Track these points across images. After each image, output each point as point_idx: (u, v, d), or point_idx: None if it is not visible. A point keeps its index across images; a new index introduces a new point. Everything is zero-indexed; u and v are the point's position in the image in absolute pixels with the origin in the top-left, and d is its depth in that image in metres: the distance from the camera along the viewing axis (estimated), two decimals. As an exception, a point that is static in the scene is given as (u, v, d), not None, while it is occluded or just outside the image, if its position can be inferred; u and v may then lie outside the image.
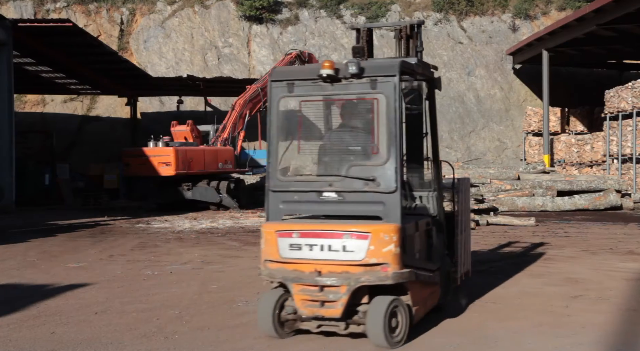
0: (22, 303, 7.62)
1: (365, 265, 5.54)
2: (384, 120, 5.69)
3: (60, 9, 33.31)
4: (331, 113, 6.29)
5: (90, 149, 30.77)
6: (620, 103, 23.89)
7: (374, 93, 5.72)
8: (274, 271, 5.86)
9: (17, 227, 16.21)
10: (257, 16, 33.89)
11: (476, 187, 18.12)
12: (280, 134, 6.12)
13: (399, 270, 5.55)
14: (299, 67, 6.33)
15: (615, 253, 11.34)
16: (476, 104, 33.24)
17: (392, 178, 5.61)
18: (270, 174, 6.05)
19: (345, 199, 5.78)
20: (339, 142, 6.18)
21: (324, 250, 5.62)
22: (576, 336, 6.08)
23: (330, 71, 5.73)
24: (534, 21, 35.32)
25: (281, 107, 6.04)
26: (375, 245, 5.50)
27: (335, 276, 5.57)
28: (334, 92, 5.89)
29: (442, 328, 6.34)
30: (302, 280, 5.66)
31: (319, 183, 5.92)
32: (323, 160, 6.19)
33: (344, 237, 5.57)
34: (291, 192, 6.00)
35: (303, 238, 5.71)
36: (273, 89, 6.04)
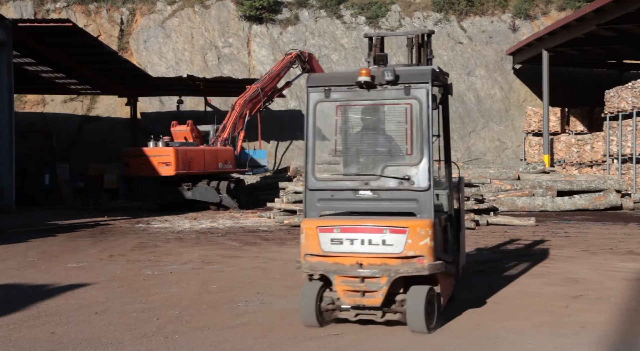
0: (22, 303, 7.62)
1: (403, 258, 5.97)
2: (417, 123, 6.14)
3: (60, 9, 33.31)
4: (366, 117, 6.63)
5: (90, 149, 30.78)
6: (620, 103, 23.89)
7: (408, 98, 6.16)
8: (315, 265, 6.20)
9: (17, 227, 16.22)
10: (257, 16, 33.90)
11: (476, 186, 18.11)
12: (317, 137, 6.50)
13: (433, 262, 6.00)
14: (335, 74, 6.69)
15: (615, 253, 11.34)
16: (476, 104, 33.24)
17: (425, 177, 6.07)
18: (307, 174, 6.43)
19: (380, 197, 6.22)
20: (374, 144, 6.59)
21: (365, 244, 6.02)
22: (576, 336, 6.08)
23: (367, 78, 6.14)
24: (534, 21, 35.32)
25: (318, 111, 6.44)
26: (413, 238, 5.94)
27: (376, 268, 5.98)
28: (369, 98, 6.31)
29: (442, 328, 6.34)
30: (344, 272, 6.05)
31: (355, 182, 6.33)
32: (359, 161, 6.62)
33: (384, 232, 5.97)
34: (328, 190, 6.39)
35: (344, 233, 6.08)
36: (310, 94, 6.44)
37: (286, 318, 6.78)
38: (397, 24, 34.54)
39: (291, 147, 31.76)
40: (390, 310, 6.12)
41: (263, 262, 10.57)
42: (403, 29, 34.22)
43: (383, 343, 5.91)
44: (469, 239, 13.21)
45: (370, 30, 33.95)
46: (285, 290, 8.21)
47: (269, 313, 7.01)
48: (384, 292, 5.97)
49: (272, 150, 31.38)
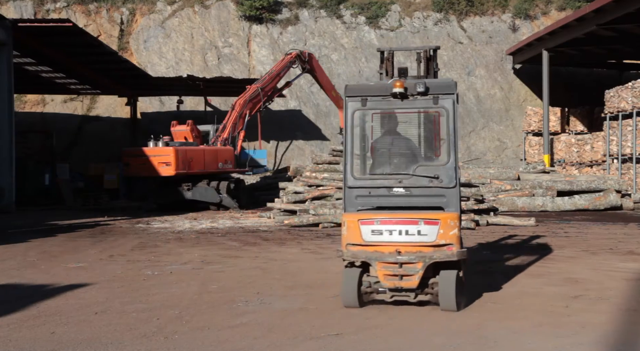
0: (22, 303, 7.62)
1: (435, 246, 6.82)
2: (444, 129, 7.05)
3: (60, 9, 33.31)
4: (399, 123, 7.47)
5: (90, 149, 30.78)
6: (620, 103, 23.89)
7: (436, 107, 7.04)
8: (357, 253, 6.99)
9: (17, 227, 16.22)
10: (257, 16, 33.90)
11: (476, 186, 18.11)
12: (355, 140, 7.24)
13: (460, 249, 6.88)
14: (370, 85, 7.40)
15: (615, 253, 11.34)
16: (476, 104, 33.24)
17: (452, 175, 6.96)
18: (346, 173, 7.15)
19: (412, 193, 7.06)
20: (406, 147, 7.41)
21: (402, 234, 6.85)
22: (576, 336, 6.08)
23: (401, 90, 6.97)
24: (534, 21, 35.32)
25: (355, 118, 7.20)
26: (444, 229, 6.80)
27: (413, 254, 6.83)
28: (402, 106, 7.16)
29: (442, 328, 6.35)
30: (384, 258, 6.88)
31: (390, 181, 7.14)
32: (393, 162, 7.39)
33: (419, 223, 6.82)
34: (365, 187, 7.18)
35: (384, 224, 6.89)
36: (348, 103, 7.20)
37: (286, 318, 6.78)
38: (397, 24, 34.54)
39: (291, 147, 31.77)
40: (422, 292, 6.97)
41: (263, 262, 10.57)
42: (392, 21, 34.23)
43: (382, 343, 5.92)
44: (468, 239, 13.24)
45: (369, 30, 33.98)
46: (285, 290, 8.21)
47: (269, 313, 7.01)
48: (420, 276, 6.82)
49: (272, 150, 31.39)
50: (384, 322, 6.62)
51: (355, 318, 6.76)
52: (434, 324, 6.54)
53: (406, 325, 6.50)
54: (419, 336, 6.07)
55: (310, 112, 32.60)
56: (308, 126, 32.31)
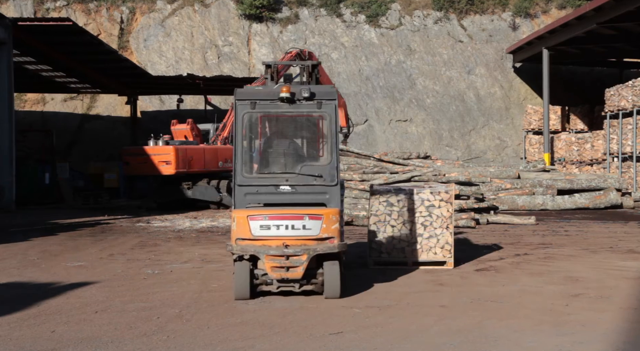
0: (22, 301, 7.63)
1: (319, 239, 7.45)
2: (327, 132, 7.74)
3: (60, 8, 33.30)
4: (286, 125, 8.09)
5: (91, 148, 30.77)
6: (621, 102, 23.88)
7: (320, 112, 7.70)
8: (245, 247, 7.48)
9: (17, 226, 16.22)
10: (257, 15, 33.88)
11: (476, 185, 18.11)
12: (245, 141, 7.75)
13: (341, 242, 7.54)
14: (259, 89, 8.07)
15: (615, 251, 11.34)
16: (476, 103, 33.24)
17: (334, 174, 7.65)
18: (236, 172, 7.66)
19: (298, 191, 7.67)
20: (292, 147, 8.04)
21: (289, 228, 7.42)
22: (576, 334, 6.08)
23: (288, 95, 7.58)
24: (534, 19, 35.30)
25: (245, 120, 7.73)
26: (327, 223, 7.45)
27: (298, 247, 7.39)
28: (288, 110, 7.74)
29: (442, 327, 6.35)
30: (271, 251, 7.39)
31: (277, 179, 7.73)
32: (280, 162, 7.98)
33: (304, 218, 7.43)
34: (254, 185, 7.72)
35: (272, 220, 7.44)
36: (238, 106, 7.72)
37: (286, 317, 6.79)
38: (397, 22, 34.53)
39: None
40: (307, 282, 7.54)
41: (263, 261, 10.56)
42: (392, 19, 34.21)
43: (383, 341, 5.92)
44: (469, 237, 13.25)
45: (370, 28, 33.96)
46: (285, 289, 8.21)
47: (269, 312, 7.02)
48: (304, 267, 7.39)
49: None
50: (384, 321, 6.62)
51: (356, 317, 6.76)
52: (434, 323, 6.54)
53: (406, 324, 6.51)
54: (419, 335, 6.07)
55: (310, 111, 32.61)
56: (308, 125, 32.26)
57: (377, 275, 9.08)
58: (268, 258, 7.38)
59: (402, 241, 9.74)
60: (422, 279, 8.86)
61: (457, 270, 9.48)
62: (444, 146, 31.97)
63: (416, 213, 9.77)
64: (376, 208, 9.90)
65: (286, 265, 7.37)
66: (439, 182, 16.52)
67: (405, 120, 32.19)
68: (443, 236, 9.69)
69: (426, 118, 32.23)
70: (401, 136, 31.88)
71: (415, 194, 9.85)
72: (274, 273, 7.42)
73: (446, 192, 9.91)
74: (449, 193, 9.91)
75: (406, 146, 31.13)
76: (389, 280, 8.78)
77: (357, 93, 32.19)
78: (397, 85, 32.66)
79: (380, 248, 9.79)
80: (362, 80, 32.62)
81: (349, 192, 17.20)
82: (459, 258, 10.07)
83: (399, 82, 32.72)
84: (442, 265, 9.66)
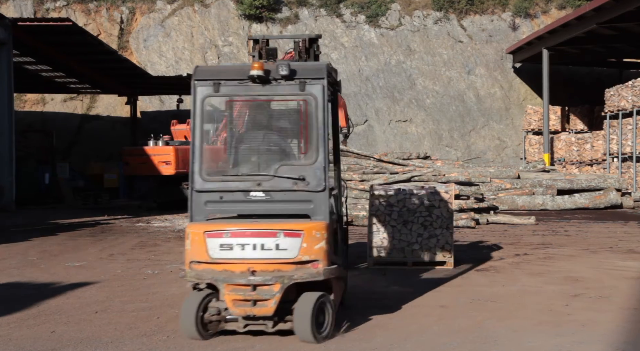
0: (22, 302, 7.62)
1: (297, 263, 5.69)
2: (312, 121, 5.90)
3: (60, 8, 33.30)
4: (259, 113, 6.36)
5: (90, 148, 30.77)
6: (621, 102, 23.88)
7: (303, 95, 5.92)
8: (201, 273, 5.80)
9: (17, 226, 16.21)
10: (257, 15, 33.88)
11: (476, 185, 18.11)
12: (206, 134, 6.15)
13: (328, 267, 5.77)
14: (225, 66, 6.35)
15: (615, 251, 11.34)
16: (476, 103, 33.23)
17: (321, 177, 5.83)
18: (194, 174, 5.99)
19: (274, 198, 5.90)
20: (267, 142, 6.29)
21: (257, 249, 5.68)
22: (576, 334, 6.08)
23: (260, 72, 5.84)
24: (534, 20, 35.30)
25: (206, 106, 6.07)
26: (308, 242, 5.68)
27: (269, 274, 5.64)
28: (262, 93, 5.99)
29: (442, 327, 6.35)
30: (233, 280, 5.67)
31: (247, 183, 5.97)
32: (251, 160, 6.30)
33: (277, 236, 5.68)
34: (216, 191, 5.97)
35: (235, 237, 5.71)
36: (197, 88, 6.02)
37: None
38: (397, 22, 34.53)
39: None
40: (282, 319, 5.76)
41: (263, 261, 10.55)
42: (392, 19, 34.19)
43: (383, 341, 5.91)
44: (468, 238, 13.24)
45: (369, 29, 33.95)
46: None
47: (269, 312, 6.99)
48: (277, 300, 5.61)
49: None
50: (385, 321, 6.61)
51: (356, 317, 6.75)
52: (434, 323, 6.53)
53: (407, 324, 6.50)
54: (419, 335, 6.07)
55: (310, 111, 32.64)
56: (308, 125, 32.29)
57: (377, 276, 9.08)
58: (229, 288, 5.65)
59: (402, 241, 9.74)
60: (422, 279, 8.86)
61: (457, 270, 9.48)
62: (443, 146, 31.97)
63: (416, 213, 9.76)
64: (376, 208, 9.89)
65: (252, 298, 5.62)
66: (439, 182, 16.52)
67: (405, 120, 32.19)
68: (443, 236, 9.69)
69: (426, 119, 32.23)
70: (401, 136, 31.88)
71: (415, 194, 9.85)
72: (237, 308, 5.67)
73: (446, 192, 9.91)
74: (449, 193, 9.91)
75: (406, 146, 31.13)
76: (388, 280, 8.78)
77: (357, 93, 32.20)
78: (397, 85, 32.66)
79: (380, 249, 9.79)
80: (362, 81, 32.62)
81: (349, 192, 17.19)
82: (459, 258, 10.07)
83: (399, 82, 32.72)
84: (442, 265, 9.66)
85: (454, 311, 6.99)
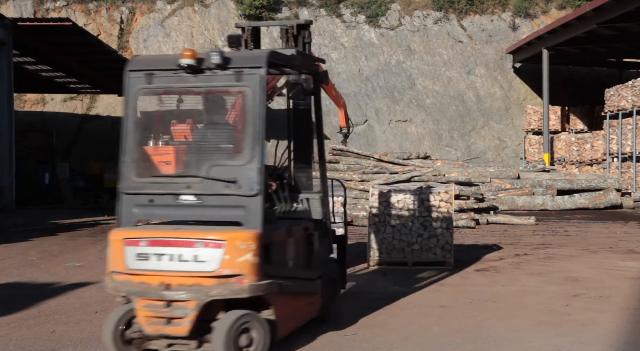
0: (22, 302, 7.62)
1: (218, 277, 5.02)
2: (248, 116, 5.29)
3: (59, 8, 33.31)
4: (192, 107, 5.89)
5: (90, 148, 30.77)
6: (620, 102, 23.88)
7: (239, 86, 5.34)
8: (119, 284, 5.27)
9: (17, 226, 16.21)
10: (256, 15, 33.88)
11: (476, 185, 18.11)
12: (137, 130, 5.68)
13: (257, 282, 5.04)
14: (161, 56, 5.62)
15: (615, 251, 11.33)
16: (476, 103, 33.23)
17: (254, 180, 5.18)
18: (123, 174, 5.51)
19: (205, 202, 5.32)
20: (199, 139, 5.76)
21: (174, 260, 5.10)
22: (576, 334, 6.08)
23: (191, 61, 5.30)
24: (534, 20, 35.30)
25: (139, 99, 5.64)
26: (232, 254, 5.00)
27: (185, 289, 5.03)
28: (196, 85, 5.48)
29: (442, 327, 6.35)
30: (147, 294, 5.10)
31: (177, 185, 5.44)
32: (182, 159, 5.77)
33: (196, 246, 5.06)
34: (146, 194, 5.48)
35: (152, 246, 5.16)
36: (130, 80, 5.56)
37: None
38: (397, 22, 34.53)
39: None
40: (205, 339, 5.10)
41: (263, 261, 10.55)
42: (391, 19, 34.19)
43: (383, 341, 5.91)
44: (468, 238, 13.21)
45: (369, 29, 33.95)
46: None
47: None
48: (192, 319, 4.99)
49: (272, 149, 31.27)
50: (385, 321, 6.61)
51: (356, 317, 6.75)
52: (434, 323, 6.53)
53: (406, 324, 6.50)
54: (419, 335, 6.06)
55: (310, 111, 32.63)
56: (308, 125, 32.28)
57: (377, 276, 9.08)
58: (142, 303, 5.09)
59: (402, 241, 9.73)
60: (422, 279, 8.85)
61: (457, 270, 9.48)
62: (443, 146, 31.97)
63: (416, 213, 9.76)
64: (376, 208, 9.89)
65: (166, 316, 5.03)
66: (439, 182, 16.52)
67: (405, 120, 32.19)
68: (443, 236, 9.69)
69: (426, 119, 32.24)
70: (401, 136, 31.88)
71: (415, 194, 9.85)
72: (150, 326, 5.09)
73: (446, 192, 9.91)
74: (449, 193, 9.91)
75: (406, 146, 31.13)
76: (388, 280, 8.77)
77: (357, 93, 32.20)
78: (397, 85, 32.66)
79: (380, 249, 9.78)
80: (362, 81, 32.62)
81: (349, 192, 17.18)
82: (459, 258, 10.07)
83: (399, 82, 32.72)
84: (442, 265, 9.66)
85: (454, 311, 6.99)
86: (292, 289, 5.53)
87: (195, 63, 5.30)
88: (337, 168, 18.63)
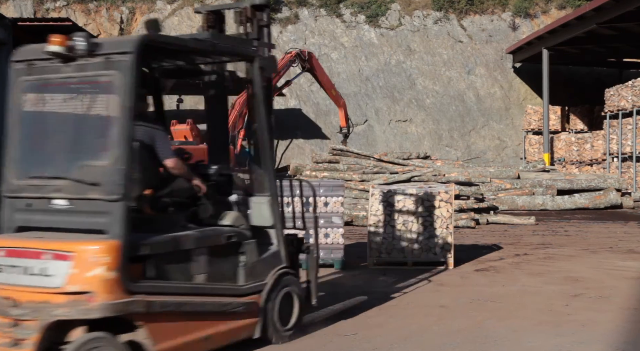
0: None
1: (66, 294, 4.42)
2: (116, 109, 4.71)
3: (59, 8, 33.32)
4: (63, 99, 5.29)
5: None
6: (620, 102, 23.89)
7: (107, 75, 4.76)
8: None
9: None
10: (257, 15, 33.89)
11: (476, 185, 18.11)
12: (21, 125, 5.06)
13: (112, 300, 4.41)
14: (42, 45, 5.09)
15: (615, 251, 11.33)
16: (476, 103, 33.24)
17: (117, 182, 4.59)
18: (6, 175, 4.97)
19: (77, 208, 4.73)
20: (70, 135, 5.16)
21: (22, 273, 4.55)
22: (576, 334, 6.08)
23: (57, 48, 4.78)
24: (534, 20, 35.31)
25: (23, 91, 5.09)
26: (80, 268, 4.41)
27: (30, 307, 4.44)
28: (69, 74, 4.91)
29: (442, 327, 6.35)
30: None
31: (49, 188, 4.84)
32: (55, 158, 5.13)
33: (43, 257, 4.49)
34: (24, 197, 4.91)
35: (8, 257, 4.62)
36: (14, 71, 5.07)
37: (286, 317, 6.76)
38: (397, 22, 34.54)
39: (291, 146, 31.76)
40: None
41: (263, 261, 10.54)
42: (392, 19, 34.20)
43: (383, 341, 5.91)
44: (468, 238, 13.22)
45: (369, 29, 33.97)
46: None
47: (269, 312, 6.99)
48: (36, 341, 4.37)
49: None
50: (385, 321, 6.61)
51: (356, 316, 6.75)
52: (434, 323, 6.53)
53: (406, 324, 6.50)
54: (419, 335, 6.06)
55: (310, 111, 32.60)
56: (308, 125, 32.30)
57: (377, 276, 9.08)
58: None
59: (402, 241, 9.73)
60: (422, 279, 8.86)
61: (457, 270, 9.48)
62: (443, 146, 31.98)
63: (416, 213, 9.76)
64: (376, 208, 9.89)
65: (13, 337, 4.44)
66: (439, 182, 16.52)
67: (405, 120, 32.21)
68: (443, 236, 9.69)
69: (426, 119, 32.25)
70: (401, 136, 31.90)
71: (415, 194, 9.85)
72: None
73: (446, 192, 9.91)
74: (449, 193, 9.91)
75: (406, 146, 31.14)
76: (388, 280, 8.77)
77: (357, 93, 32.21)
78: (397, 85, 32.67)
79: (380, 248, 9.78)
80: (361, 81, 32.64)
81: (348, 192, 17.18)
82: (459, 258, 10.07)
83: (399, 82, 32.73)
84: (442, 265, 9.66)
85: (454, 311, 6.99)
86: (185, 308, 4.86)
87: (62, 50, 4.77)
88: (337, 168, 18.63)
